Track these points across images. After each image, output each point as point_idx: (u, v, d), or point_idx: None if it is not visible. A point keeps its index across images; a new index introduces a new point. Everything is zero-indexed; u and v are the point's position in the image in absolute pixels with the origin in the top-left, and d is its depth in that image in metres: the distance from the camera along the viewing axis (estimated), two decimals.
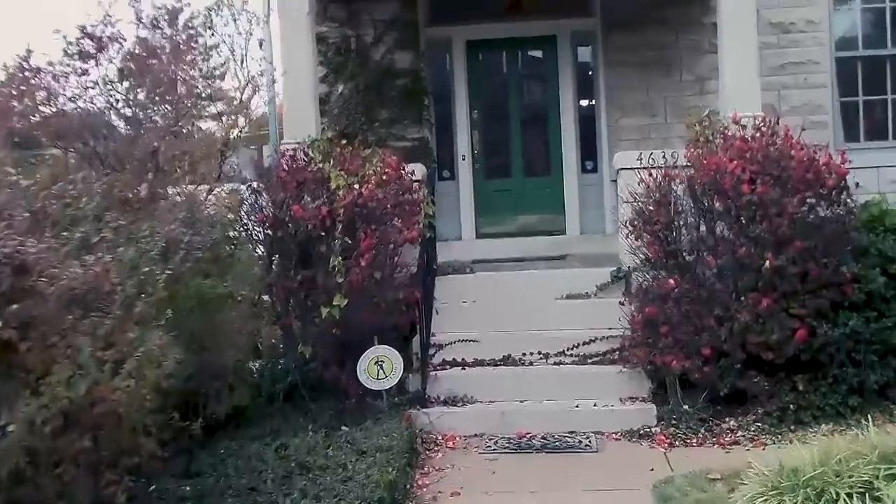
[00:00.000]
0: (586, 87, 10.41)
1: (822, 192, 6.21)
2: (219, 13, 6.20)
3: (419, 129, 10.04)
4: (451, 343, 7.19)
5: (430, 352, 7.13)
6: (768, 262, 5.96)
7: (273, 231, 6.54)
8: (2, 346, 3.38)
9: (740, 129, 6.69)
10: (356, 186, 6.46)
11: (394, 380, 6.39)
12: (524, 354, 7.09)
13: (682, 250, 6.43)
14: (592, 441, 6.17)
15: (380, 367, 6.36)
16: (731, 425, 6.17)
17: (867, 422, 5.82)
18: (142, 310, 4.08)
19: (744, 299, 6.12)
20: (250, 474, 5.13)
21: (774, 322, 6.03)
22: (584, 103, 10.41)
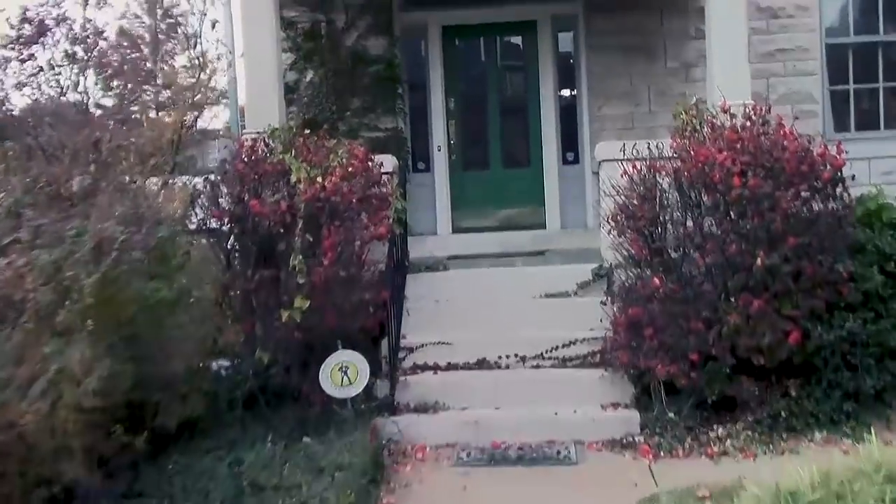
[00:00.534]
0: (567, 74, 9.97)
1: (817, 185, 5.81)
2: None
3: (393, 118, 9.59)
4: (422, 345, 6.76)
5: (400, 355, 6.72)
6: (760, 261, 5.56)
7: (230, 227, 6.08)
8: None
9: (730, 118, 6.28)
10: (319, 179, 6.00)
11: (359, 387, 5.96)
12: (500, 357, 6.68)
13: (667, 247, 6.02)
14: (572, 452, 5.76)
15: (344, 373, 5.93)
16: (720, 434, 5.78)
17: (863, 429, 5.58)
18: (64, 319, 3.62)
19: (733, 300, 5.72)
20: (197, 495, 4.70)
21: (766, 324, 5.64)
22: (566, 92, 9.98)
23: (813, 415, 5.82)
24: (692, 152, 5.88)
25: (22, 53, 6.41)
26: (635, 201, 6.14)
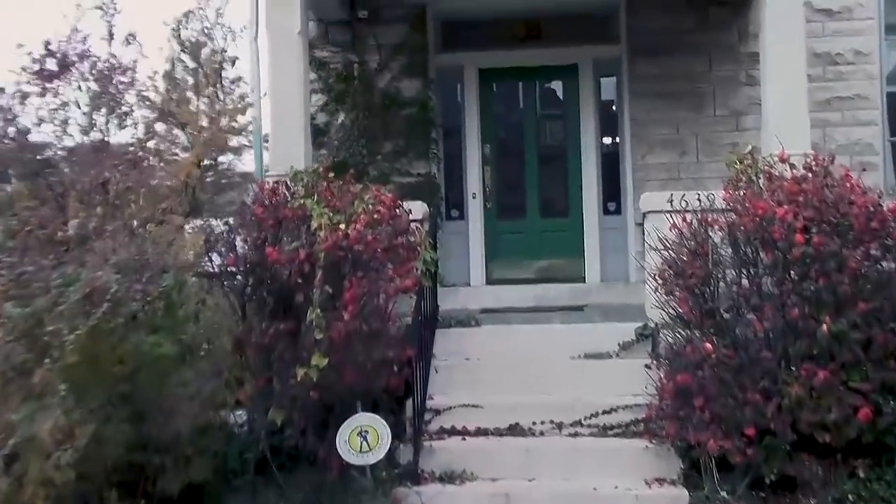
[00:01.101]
0: (609, 120, 9.54)
1: (888, 244, 5.25)
2: (186, 26, 5.37)
3: (426, 163, 9.20)
4: (450, 408, 6.25)
5: (426, 417, 6.21)
6: (826, 326, 5.00)
7: (245, 276, 5.66)
8: None
9: (789, 168, 5.78)
10: (342, 226, 5.57)
11: (379, 454, 5.44)
12: (534, 423, 6.14)
13: (720, 309, 5.48)
14: None
15: (364, 438, 5.42)
16: None
17: None
18: (41, 379, 3.19)
19: (795, 369, 5.16)
20: None
21: (832, 398, 5.06)
22: (607, 139, 9.53)
23: (884, 499, 5.19)
24: (749, 205, 5.36)
25: (44, 88, 6.07)
26: (685, 257, 5.62)
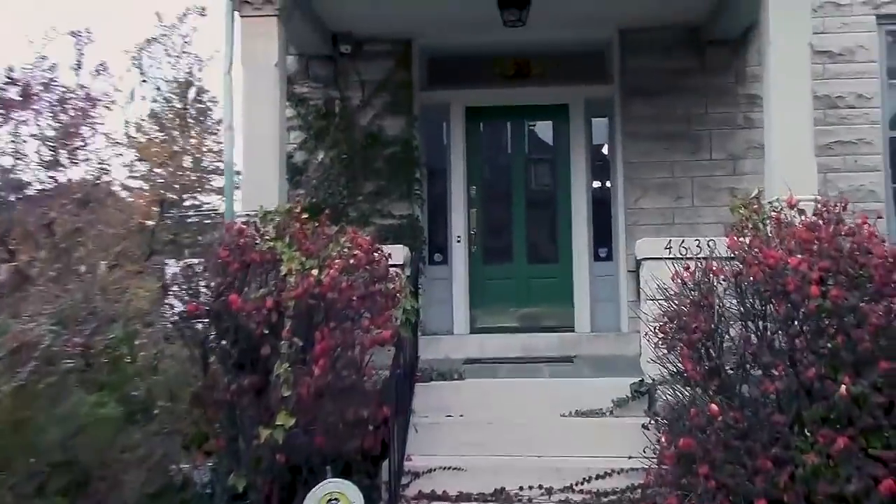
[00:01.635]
0: (601, 163, 9.16)
1: None
2: (147, 51, 4.94)
3: (409, 205, 8.76)
4: (430, 470, 5.76)
5: (404, 481, 5.72)
6: (844, 388, 4.52)
7: (207, 326, 5.16)
8: None
9: (797, 214, 5.36)
10: (315, 272, 5.09)
11: None
12: (521, 489, 5.64)
13: (727, 366, 5.01)
14: None
15: None
16: None
17: None
18: None
19: (811, 435, 4.67)
20: None
21: (851, 467, 4.56)
22: (599, 182, 9.13)
23: None
24: (758, 254, 4.92)
25: (3, 116, 5.61)
26: (687, 309, 5.17)
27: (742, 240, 5.39)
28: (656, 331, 5.44)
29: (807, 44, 6.48)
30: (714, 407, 4.87)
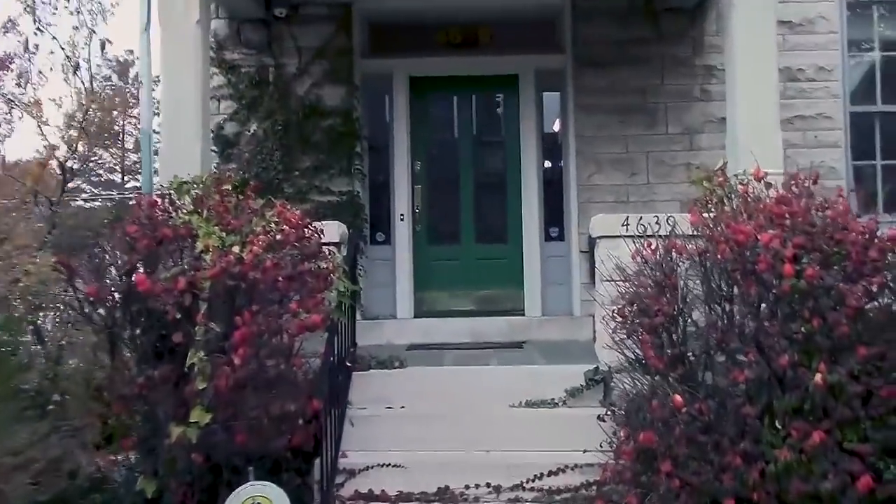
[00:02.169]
0: (552, 138, 8.69)
1: (887, 279, 4.43)
2: None
3: (349, 180, 8.19)
4: (367, 468, 5.27)
5: (339, 480, 5.22)
6: (820, 377, 4.13)
7: (110, 311, 4.56)
8: None
9: (765, 188, 4.95)
10: (235, 249, 4.53)
11: None
12: (468, 487, 5.17)
13: (692, 354, 4.59)
14: None
15: None
16: None
17: None
18: None
19: (782, 428, 4.28)
20: None
21: (826, 462, 4.18)
22: (550, 158, 8.67)
23: None
24: (727, 229, 4.49)
25: None
26: (649, 290, 4.73)
27: (706, 215, 4.97)
28: (614, 314, 5.00)
29: (772, 7, 6.08)
30: (678, 398, 4.45)
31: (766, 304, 4.41)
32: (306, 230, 5.07)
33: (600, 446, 5.03)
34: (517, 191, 8.51)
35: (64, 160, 4.45)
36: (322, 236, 5.23)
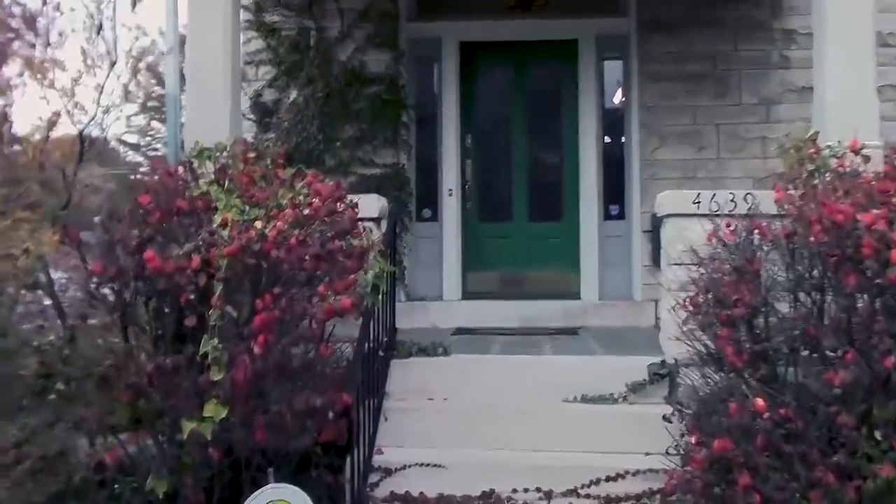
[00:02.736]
0: (613, 108, 8.06)
1: None
2: None
3: (394, 152, 7.71)
4: (404, 466, 4.77)
5: (374, 478, 4.74)
6: None
7: (120, 291, 4.11)
8: None
9: (863, 162, 4.32)
10: (258, 224, 4.04)
11: None
12: (515, 491, 4.64)
13: (777, 352, 3.99)
14: None
15: None
16: None
17: None
18: None
19: (883, 440, 3.67)
20: None
21: None
22: (611, 130, 8.03)
23: None
24: (822, 208, 3.86)
25: None
26: (727, 277, 4.13)
27: (795, 192, 4.35)
28: (685, 302, 4.42)
29: None
30: (760, 401, 3.86)
31: (867, 296, 3.78)
32: (339, 203, 4.56)
33: (665, 450, 4.50)
34: (574, 166, 7.93)
35: (80, 130, 4.17)
36: (357, 211, 4.71)
